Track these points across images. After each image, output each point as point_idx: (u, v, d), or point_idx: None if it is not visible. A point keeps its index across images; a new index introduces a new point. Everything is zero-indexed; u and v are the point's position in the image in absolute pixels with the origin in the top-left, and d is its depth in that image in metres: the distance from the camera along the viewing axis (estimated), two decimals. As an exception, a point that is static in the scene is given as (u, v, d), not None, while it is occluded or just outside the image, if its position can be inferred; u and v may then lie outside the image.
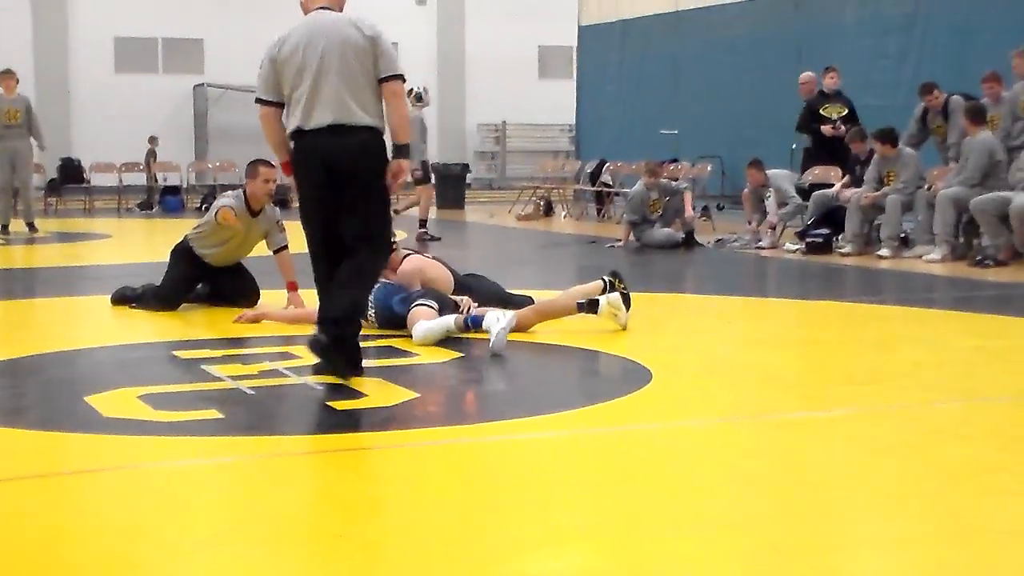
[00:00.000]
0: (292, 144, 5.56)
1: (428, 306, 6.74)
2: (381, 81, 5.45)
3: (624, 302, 6.95)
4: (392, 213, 6.34)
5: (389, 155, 5.54)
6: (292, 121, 5.47)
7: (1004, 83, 11.29)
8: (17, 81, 15.05)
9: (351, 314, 5.47)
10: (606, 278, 7.07)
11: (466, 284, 7.34)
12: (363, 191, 5.44)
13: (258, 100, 5.58)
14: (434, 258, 7.54)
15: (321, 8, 5.61)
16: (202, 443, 4.59)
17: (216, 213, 7.82)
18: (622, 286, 7.05)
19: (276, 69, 5.50)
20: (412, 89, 14.67)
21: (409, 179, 6.20)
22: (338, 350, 5.35)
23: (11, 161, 14.70)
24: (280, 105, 5.54)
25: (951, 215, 10.79)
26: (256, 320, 7.28)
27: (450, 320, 6.63)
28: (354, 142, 5.42)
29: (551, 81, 29.38)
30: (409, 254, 7.36)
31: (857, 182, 11.84)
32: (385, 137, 5.55)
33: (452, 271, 7.42)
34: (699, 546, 3.28)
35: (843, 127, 12.87)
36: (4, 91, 14.81)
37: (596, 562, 3.19)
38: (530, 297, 7.37)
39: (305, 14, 5.63)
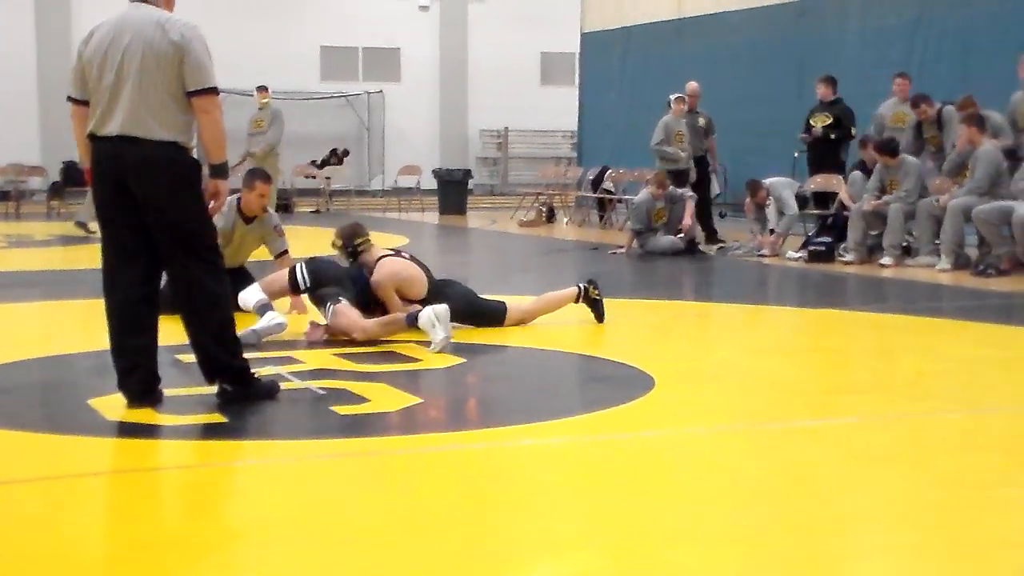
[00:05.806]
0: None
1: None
2: (189, 95, 4.88)
3: (597, 308, 7.24)
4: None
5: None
6: (88, 123, 4.96)
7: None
8: None
9: (223, 340, 5.07)
10: (581, 284, 7.22)
11: (439, 290, 7.14)
12: (157, 209, 4.89)
13: (69, 98, 5.03)
14: (410, 258, 7.32)
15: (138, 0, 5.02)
16: (206, 447, 4.60)
17: None
18: (596, 292, 7.26)
19: (82, 65, 4.96)
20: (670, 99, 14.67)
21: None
22: (240, 383, 5.08)
23: None
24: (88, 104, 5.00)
25: (959, 224, 10.78)
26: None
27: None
28: (141, 155, 4.86)
29: (553, 87, 29.38)
30: (384, 256, 7.20)
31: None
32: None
33: (429, 275, 7.23)
34: (701, 554, 3.28)
35: (820, 131, 13.01)
36: None
37: (597, 570, 3.19)
38: (502, 302, 7.31)
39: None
